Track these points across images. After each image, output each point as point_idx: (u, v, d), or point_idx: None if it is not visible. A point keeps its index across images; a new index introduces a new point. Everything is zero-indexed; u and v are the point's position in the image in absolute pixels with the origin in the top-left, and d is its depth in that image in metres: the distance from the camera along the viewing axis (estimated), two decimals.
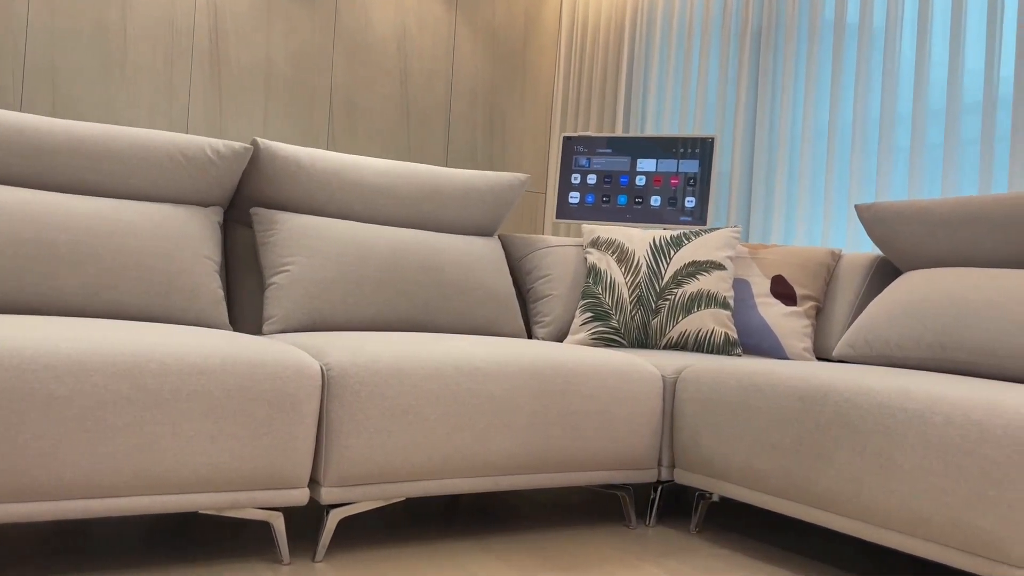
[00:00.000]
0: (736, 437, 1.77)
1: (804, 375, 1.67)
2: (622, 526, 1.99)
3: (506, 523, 1.95)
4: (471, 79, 4.25)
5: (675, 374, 1.98)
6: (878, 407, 1.50)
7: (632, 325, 2.30)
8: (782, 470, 1.66)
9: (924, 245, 2.16)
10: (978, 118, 2.56)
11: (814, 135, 3.05)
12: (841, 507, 1.55)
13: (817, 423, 1.60)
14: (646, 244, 2.41)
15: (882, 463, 1.48)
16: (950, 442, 1.38)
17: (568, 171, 3.41)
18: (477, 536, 1.83)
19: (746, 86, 3.31)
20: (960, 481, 1.36)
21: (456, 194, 2.39)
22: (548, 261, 2.49)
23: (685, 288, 2.30)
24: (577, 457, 1.81)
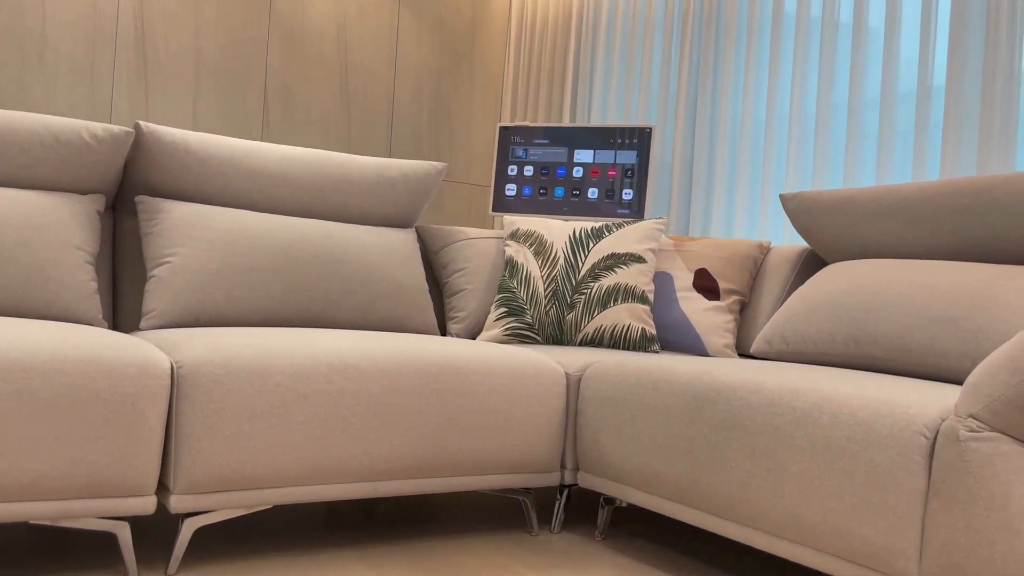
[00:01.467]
0: (634, 438, 1.67)
1: (700, 372, 1.57)
2: (524, 533, 1.88)
3: (396, 530, 1.84)
4: (416, 69, 4.13)
5: (579, 372, 1.87)
6: (767, 406, 1.40)
7: (547, 320, 2.20)
8: (676, 473, 1.56)
9: (848, 236, 2.06)
10: (912, 108, 2.47)
11: (752, 127, 2.96)
12: (733, 514, 1.45)
13: (710, 424, 1.50)
14: (566, 236, 2.31)
15: (770, 467, 1.38)
16: (836, 444, 1.28)
17: (505, 162, 3.30)
18: (357, 545, 1.71)
19: (687, 79, 3.21)
20: (845, 486, 1.26)
21: (366, 183, 2.28)
22: (465, 254, 2.38)
23: (602, 282, 2.20)
24: (470, 460, 1.70)
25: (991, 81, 2.19)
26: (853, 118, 2.57)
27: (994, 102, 2.18)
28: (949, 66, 2.29)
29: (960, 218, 1.81)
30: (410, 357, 1.64)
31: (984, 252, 1.79)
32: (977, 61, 2.27)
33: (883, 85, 2.50)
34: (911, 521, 1.17)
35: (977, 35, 2.26)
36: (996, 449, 1.09)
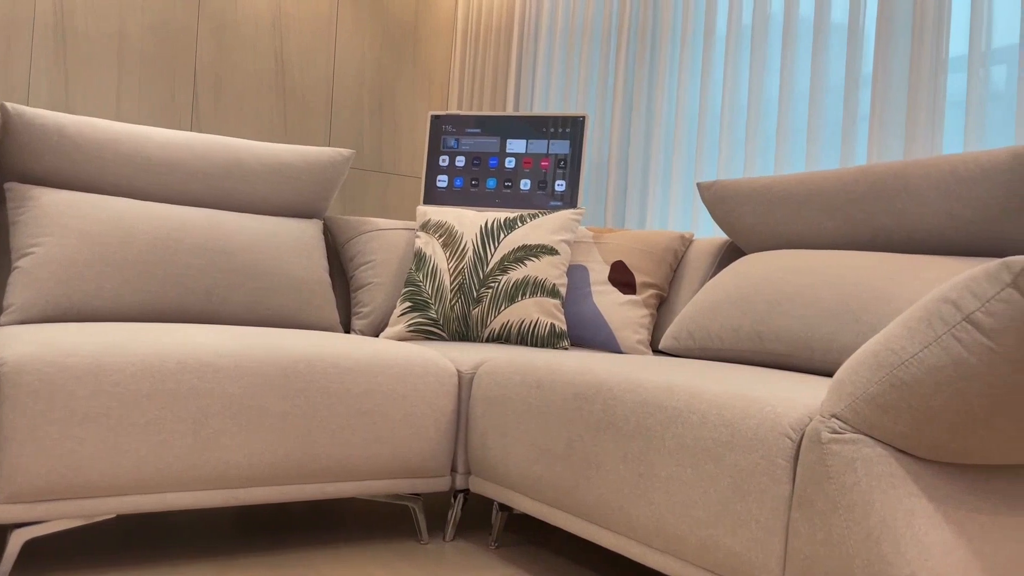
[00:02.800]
0: (518, 441, 1.56)
1: (581, 370, 1.46)
2: (414, 542, 1.77)
3: (270, 540, 1.72)
4: (357, 60, 4.01)
5: (472, 370, 1.76)
6: (640, 405, 1.30)
7: (451, 316, 2.09)
8: (556, 478, 1.46)
9: (764, 225, 1.96)
10: (840, 98, 2.39)
11: (687, 121, 2.86)
12: (608, 521, 1.35)
13: (587, 424, 1.40)
14: (477, 227, 2.20)
15: (642, 471, 1.27)
16: (703, 446, 1.18)
17: (436, 153, 3.19)
18: (221, 556, 1.59)
19: (623, 74, 3.10)
20: (710, 493, 1.16)
21: (263, 170, 2.16)
22: (373, 246, 2.27)
23: (511, 275, 2.09)
24: (344, 465, 1.59)
25: (918, 71, 2.10)
26: (784, 111, 2.48)
27: (920, 92, 2.09)
28: (876, 57, 2.20)
29: (873, 205, 1.71)
30: (275, 354, 1.53)
31: (898, 241, 1.70)
32: (904, 52, 2.18)
33: (812, 78, 2.40)
34: (775, 532, 1.07)
35: (904, 26, 2.17)
36: (858, 453, 0.99)
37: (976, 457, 0.99)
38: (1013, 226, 1.50)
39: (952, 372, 0.91)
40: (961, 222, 1.56)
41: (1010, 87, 2.01)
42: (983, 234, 1.55)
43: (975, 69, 2.00)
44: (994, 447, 0.96)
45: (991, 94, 2.00)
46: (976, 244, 1.57)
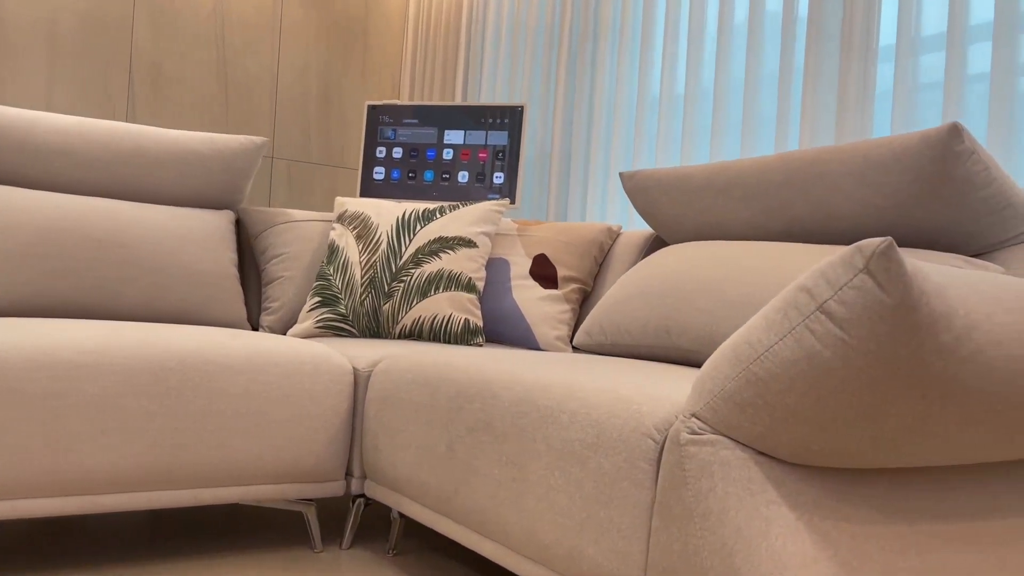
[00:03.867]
0: (406, 442, 1.47)
1: (467, 366, 1.38)
2: (307, 550, 1.68)
3: (148, 547, 1.62)
4: (303, 49, 3.90)
5: (370, 368, 1.67)
6: (515, 404, 1.21)
7: (361, 311, 1.99)
8: (439, 482, 1.37)
9: (684, 216, 1.88)
10: (774, 89, 2.31)
11: (625, 113, 2.77)
12: (486, 528, 1.26)
13: (467, 425, 1.31)
14: (394, 218, 2.11)
15: (515, 475, 1.19)
16: (570, 448, 1.09)
17: (373, 144, 3.09)
18: (86, 565, 1.49)
19: (565, 62, 3.02)
20: (576, 498, 1.07)
21: (168, 159, 2.06)
22: (286, 238, 2.17)
23: (424, 268, 2.00)
24: (224, 469, 1.50)
25: (848, 61, 2.03)
26: (719, 102, 2.40)
27: (850, 82, 2.02)
28: (808, 48, 2.12)
29: (788, 193, 1.63)
30: (144, 351, 1.43)
31: (814, 230, 1.62)
32: (834, 42, 2.10)
33: (747, 70, 2.33)
34: (636, 542, 0.99)
35: (834, 16, 2.10)
36: (715, 455, 0.91)
37: (844, 460, 0.91)
38: (925, 213, 1.42)
39: (806, 367, 0.83)
40: (874, 209, 1.48)
41: (940, 76, 1.94)
42: (897, 222, 1.47)
43: (903, 59, 1.92)
44: (859, 449, 0.88)
45: (920, 84, 1.93)
46: (890, 232, 1.49)
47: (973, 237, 1.45)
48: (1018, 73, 1.73)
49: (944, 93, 1.83)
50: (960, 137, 1.34)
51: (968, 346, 0.82)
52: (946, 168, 1.36)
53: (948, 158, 1.35)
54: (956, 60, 1.82)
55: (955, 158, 1.35)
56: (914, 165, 1.39)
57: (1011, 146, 1.72)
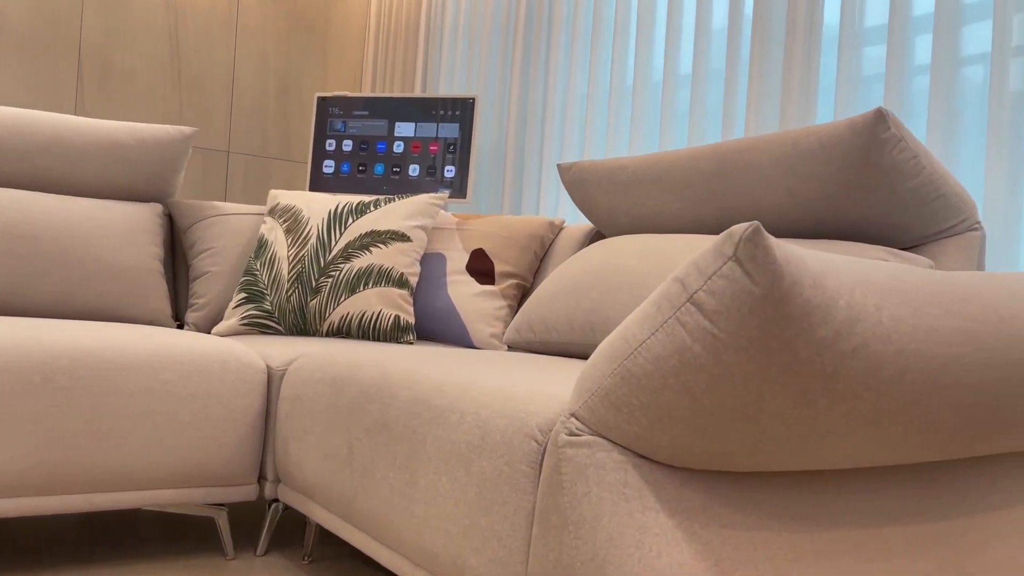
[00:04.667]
0: (313, 444, 1.41)
1: (375, 364, 1.31)
2: (220, 557, 1.61)
3: (46, 553, 1.55)
4: (260, 39, 3.82)
5: (284, 366, 1.60)
6: (410, 404, 1.15)
7: (288, 308, 1.92)
8: (341, 486, 1.30)
9: (618, 209, 1.82)
10: (721, 82, 2.26)
11: (577, 108, 2.71)
12: (383, 535, 1.19)
13: (365, 426, 1.24)
14: (326, 211, 2.04)
15: (407, 478, 1.12)
16: (456, 451, 1.03)
17: (323, 136, 3.02)
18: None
19: (520, 56, 2.95)
20: (460, 504, 1.01)
21: (90, 149, 1.98)
22: (215, 232, 2.10)
23: (354, 263, 1.93)
24: (121, 473, 1.43)
25: (792, 55, 1.97)
26: (667, 94, 2.35)
27: (793, 76, 1.96)
28: (753, 40, 2.07)
29: (719, 184, 1.57)
30: (32, 349, 1.36)
31: (741, 221, 1.56)
32: (779, 34, 2.04)
33: (694, 62, 2.27)
34: (516, 552, 0.92)
35: (779, 9, 2.04)
36: (591, 458, 0.84)
37: (728, 463, 0.84)
38: (852, 203, 1.37)
39: (677, 363, 0.77)
40: (802, 200, 1.42)
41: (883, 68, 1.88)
42: (824, 213, 1.41)
43: (846, 51, 1.87)
44: (741, 451, 0.82)
45: (863, 76, 1.87)
46: (819, 224, 1.44)
47: (904, 229, 1.39)
48: (959, 65, 1.68)
49: (886, 85, 1.77)
50: (885, 123, 1.28)
51: (851, 341, 0.75)
52: (872, 156, 1.30)
53: (874, 145, 1.29)
54: (898, 51, 1.76)
55: (881, 145, 1.29)
56: (840, 153, 1.34)
57: (952, 138, 1.67)
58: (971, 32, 1.68)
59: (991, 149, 1.56)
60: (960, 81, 1.68)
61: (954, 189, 1.37)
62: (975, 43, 1.69)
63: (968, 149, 1.67)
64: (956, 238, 1.40)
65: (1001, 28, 1.58)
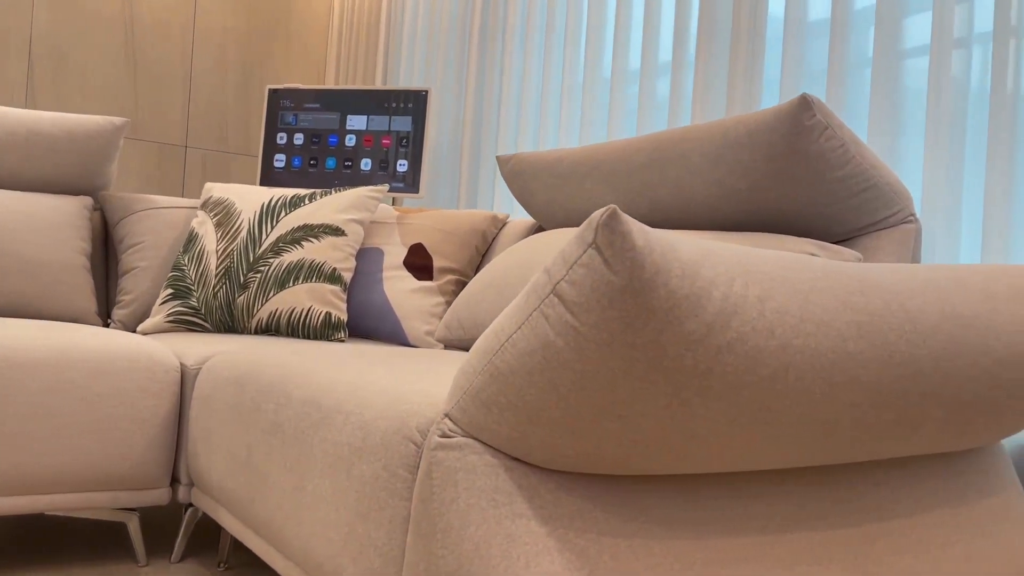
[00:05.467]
0: (218, 446, 1.34)
1: (278, 363, 1.25)
2: (132, 564, 1.54)
3: None
4: (219, 30, 3.74)
5: (199, 365, 1.54)
6: (303, 404, 1.09)
7: (215, 304, 1.85)
8: (240, 489, 1.24)
9: (555, 201, 1.77)
10: (668, 80, 2.21)
11: (531, 104, 2.65)
12: (277, 541, 1.13)
13: (262, 427, 1.18)
14: (259, 204, 1.97)
15: (296, 483, 1.06)
16: (340, 453, 0.97)
17: (273, 129, 2.95)
18: None
19: (476, 49, 2.89)
20: (342, 510, 0.94)
21: (9, 140, 1.91)
22: (145, 226, 2.03)
23: (284, 257, 1.87)
24: (18, 477, 1.36)
25: (737, 50, 1.92)
26: (616, 90, 2.30)
27: (738, 70, 1.91)
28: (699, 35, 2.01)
29: (651, 175, 1.52)
30: None
31: (674, 214, 1.51)
32: (725, 29, 1.99)
33: (643, 58, 2.22)
34: (391, 562, 0.86)
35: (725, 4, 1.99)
36: (461, 461, 0.79)
37: (607, 466, 0.79)
38: (780, 194, 1.32)
39: (541, 358, 0.71)
40: (730, 191, 1.37)
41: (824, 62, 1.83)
42: (752, 204, 1.36)
43: (790, 45, 1.82)
44: (619, 454, 0.76)
45: (806, 71, 1.82)
46: (748, 216, 1.38)
47: (834, 221, 1.34)
48: (901, 58, 1.63)
49: (828, 79, 1.72)
50: (810, 110, 1.23)
51: (725, 335, 0.70)
52: (797, 144, 1.25)
53: (799, 133, 1.24)
54: (840, 45, 1.71)
55: (806, 133, 1.24)
56: (766, 142, 1.28)
57: (894, 132, 1.62)
58: (912, 24, 1.63)
59: (930, 141, 1.52)
60: (901, 73, 1.63)
61: (887, 180, 1.32)
62: (917, 35, 1.64)
63: (910, 141, 1.63)
64: (890, 231, 1.35)
65: (940, 19, 1.53)
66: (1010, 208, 1.39)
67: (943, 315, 0.87)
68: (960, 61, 1.52)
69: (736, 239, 1.32)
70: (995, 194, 1.40)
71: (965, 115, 1.50)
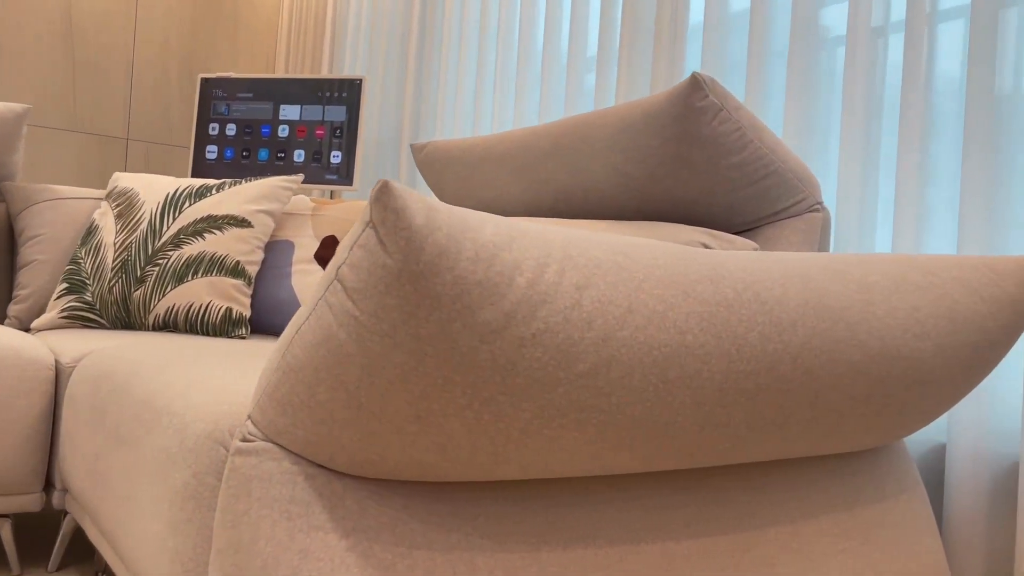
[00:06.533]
0: (78, 449, 1.26)
1: (132, 360, 1.16)
2: (6, 572, 1.45)
3: None
4: (163, 21, 3.63)
5: (75, 363, 1.45)
6: (139, 405, 1.00)
7: (110, 299, 1.76)
8: (90, 495, 1.16)
9: (465, 191, 1.69)
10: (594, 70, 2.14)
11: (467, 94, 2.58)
12: (119, 552, 1.05)
13: (108, 429, 1.09)
14: (163, 195, 1.88)
15: (129, 492, 0.98)
16: (160, 459, 0.88)
17: (206, 120, 2.86)
18: None
19: (416, 39, 2.81)
20: (156, 522, 0.86)
21: None
22: (47, 217, 1.93)
23: (184, 250, 1.78)
24: None
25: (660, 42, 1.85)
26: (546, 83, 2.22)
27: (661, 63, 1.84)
28: (623, 28, 1.94)
29: (554, 163, 1.45)
30: None
31: (577, 204, 1.43)
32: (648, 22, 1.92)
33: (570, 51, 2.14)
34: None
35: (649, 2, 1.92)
36: (258, 469, 0.71)
37: (423, 472, 0.71)
38: (676, 182, 1.24)
39: (325, 352, 0.63)
40: (626, 179, 1.30)
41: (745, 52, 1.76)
42: (649, 192, 1.29)
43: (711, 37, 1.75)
44: (430, 459, 0.69)
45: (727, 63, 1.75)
46: (645, 204, 1.31)
47: (735, 211, 1.27)
48: (818, 47, 1.56)
49: (748, 70, 1.66)
50: (702, 91, 1.16)
51: (530, 326, 0.62)
52: (690, 128, 1.18)
53: (691, 116, 1.17)
54: (759, 36, 1.64)
55: (698, 115, 1.17)
56: (659, 125, 1.21)
57: (809, 123, 1.55)
58: (829, 14, 1.57)
59: (846, 130, 1.45)
60: (819, 63, 1.56)
61: (790, 166, 1.25)
62: (833, 24, 1.57)
63: (826, 131, 1.56)
64: (794, 220, 1.28)
65: (857, 8, 1.46)
66: (921, 198, 1.33)
67: (806, 307, 0.80)
68: (877, 50, 1.46)
69: (630, 229, 1.25)
70: (907, 184, 1.33)
71: (881, 103, 1.44)
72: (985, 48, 1.27)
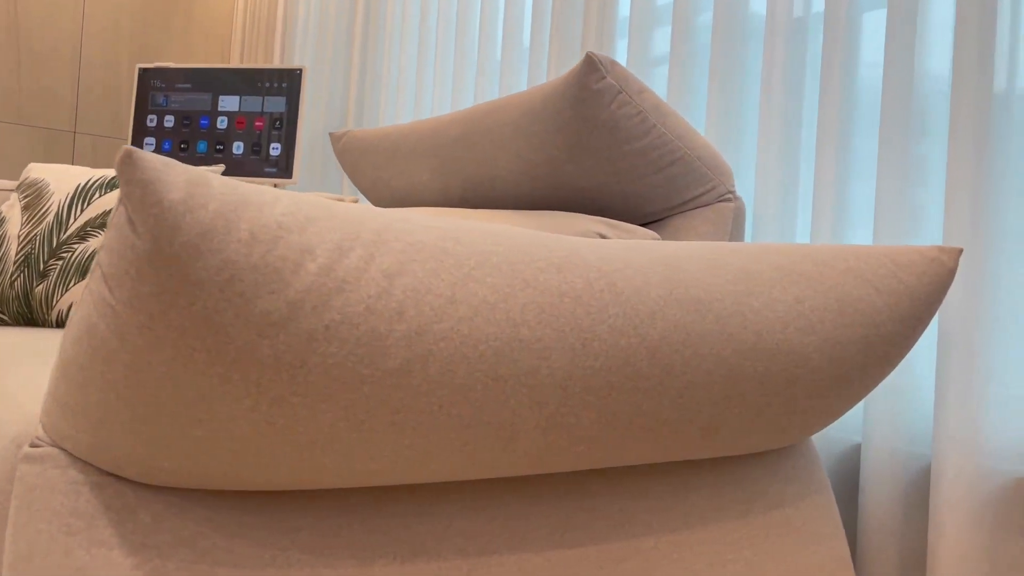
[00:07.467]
0: None
1: None
2: None
3: None
4: (114, 14, 3.54)
5: None
6: None
7: (11, 294, 1.68)
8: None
9: (381, 181, 1.62)
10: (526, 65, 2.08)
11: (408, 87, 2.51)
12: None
13: None
14: (74, 186, 1.80)
15: None
16: None
17: (144, 111, 2.77)
18: None
19: (360, 30, 2.73)
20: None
21: None
22: None
23: (90, 243, 1.70)
24: None
25: (588, 37, 1.79)
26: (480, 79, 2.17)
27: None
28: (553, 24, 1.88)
29: (462, 151, 1.38)
30: None
31: (485, 193, 1.37)
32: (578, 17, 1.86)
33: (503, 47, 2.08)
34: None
35: None
36: (42, 477, 0.64)
37: (219, 482, 0.64)
38: (576, 169, 1.18)
39: (89, 347, 0.56)
40: (528, 166, 1.23)
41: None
42: (550, 180, 1.22)
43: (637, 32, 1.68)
44: (220, 467, 0.62)
45: (652, 58, 1.69)
46: (550, 193, 1.25)
47: (642, 199, 1.21)
48: (742, 39, 1.50)
49: (671, 63, 1.59)
50: (597, 71, 1.09)
51: (323, 317, 0.56)
52: (586, 111, 1.11)
53: (586, 99, 1.10)
54: (682, 29, 1.58)
55: (595, 99, 1.10)
56: (556, 109, 1.14)
57: (732, 112, 1.49)
58: (753, 3, 1.51)
59: (764, 120, 1.39)
60: (741, 54, 1.50)
61: (698, 153, 1.19)
62: (755, 14, 1.51)
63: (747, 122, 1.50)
64: (704, 209, 1.22)
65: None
66: (840, 189, 1.27)
67: (669, 298, 0.73)
68: (797, 40, 1.40)
69: (525, 219, 1.19)
70: (825, 175, 1.27)
71: (801, 93, 1.38)
72: (904, 35, 1.21)
